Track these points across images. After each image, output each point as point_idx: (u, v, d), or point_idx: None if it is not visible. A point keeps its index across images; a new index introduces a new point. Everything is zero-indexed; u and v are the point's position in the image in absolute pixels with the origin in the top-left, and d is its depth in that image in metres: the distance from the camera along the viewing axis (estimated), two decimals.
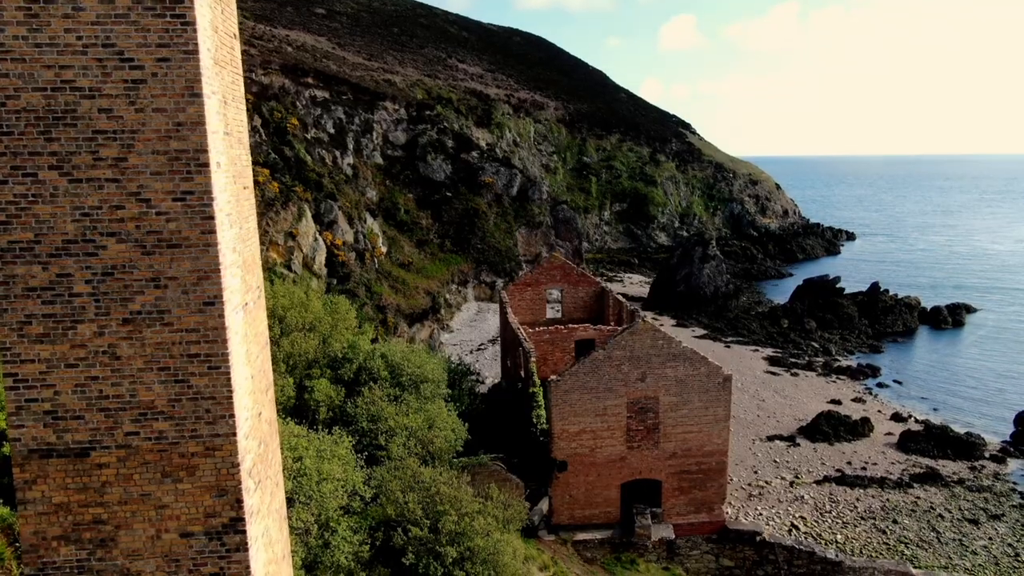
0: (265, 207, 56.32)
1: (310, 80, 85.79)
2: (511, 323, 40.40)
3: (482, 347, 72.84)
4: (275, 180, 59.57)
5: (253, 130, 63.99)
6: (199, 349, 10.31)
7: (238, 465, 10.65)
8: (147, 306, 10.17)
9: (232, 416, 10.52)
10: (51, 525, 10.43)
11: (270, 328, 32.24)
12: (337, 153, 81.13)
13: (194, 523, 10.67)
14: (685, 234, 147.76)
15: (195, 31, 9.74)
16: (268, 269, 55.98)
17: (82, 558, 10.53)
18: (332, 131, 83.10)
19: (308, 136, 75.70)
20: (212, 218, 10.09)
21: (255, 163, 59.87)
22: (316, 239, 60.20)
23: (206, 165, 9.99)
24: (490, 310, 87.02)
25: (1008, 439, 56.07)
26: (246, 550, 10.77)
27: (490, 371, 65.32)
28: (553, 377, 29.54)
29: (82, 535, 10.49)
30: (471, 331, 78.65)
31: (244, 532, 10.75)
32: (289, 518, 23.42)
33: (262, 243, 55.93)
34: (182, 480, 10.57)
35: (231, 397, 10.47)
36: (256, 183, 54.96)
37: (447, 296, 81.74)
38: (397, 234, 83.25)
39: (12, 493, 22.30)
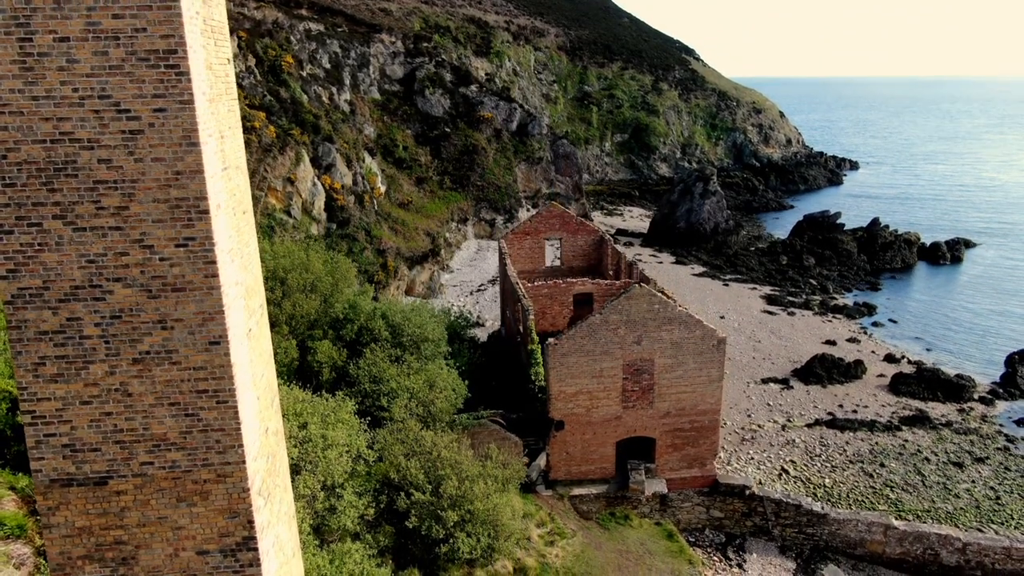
0: (263, 153, 55.88)
1: (304, 12, 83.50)
2: (510, 276, 40.80)
3: (482, 288, 73.46)
4: (271, 124, 58.87)
5: (247, 70, 62.80)
6: (207, 386, 10.76)
7: (248, 489, 11.28)
8: (155, 346, 10.57)
9: (241, 446, 11.07)
10: (75, 546, 11.13)
11: (272, 290, 32.79)
12: (334, 90, 79.72)
13: (209, 542, 11.37)
14: (687, 165, 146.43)
15: (189, 81, 9.79)
16: (267, 215, 56.02)
17: (106, 575, 11.27)
18: (328, 66, 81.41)
19: (304, 73, 74.26)
20: (214, 262, 10.37)
21: (251, 106, 59.04)
22: (314, 184, 59.93)
23: (206, 212, 10.20)
24: (490, 248, 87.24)
25: (998, 380, 57.22)
26: (259, 565, 11.51)
27: (490, 313, 66.20)
28: (551, 340, 30.16)
29: (105, 555, 11.21)
30: (471, 271, 79.12)
31: (256, 549, 11.47)
32: (296, 486, 24.47)
33: (260, 189, 55.77)
34: (196, 504, 11.21)
35: (239, 428, 11.00)
36: (252, 128, 54.41)
37: (447, 235, 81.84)
38: (396, 172, 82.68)
39: (27, 462, 23.16)
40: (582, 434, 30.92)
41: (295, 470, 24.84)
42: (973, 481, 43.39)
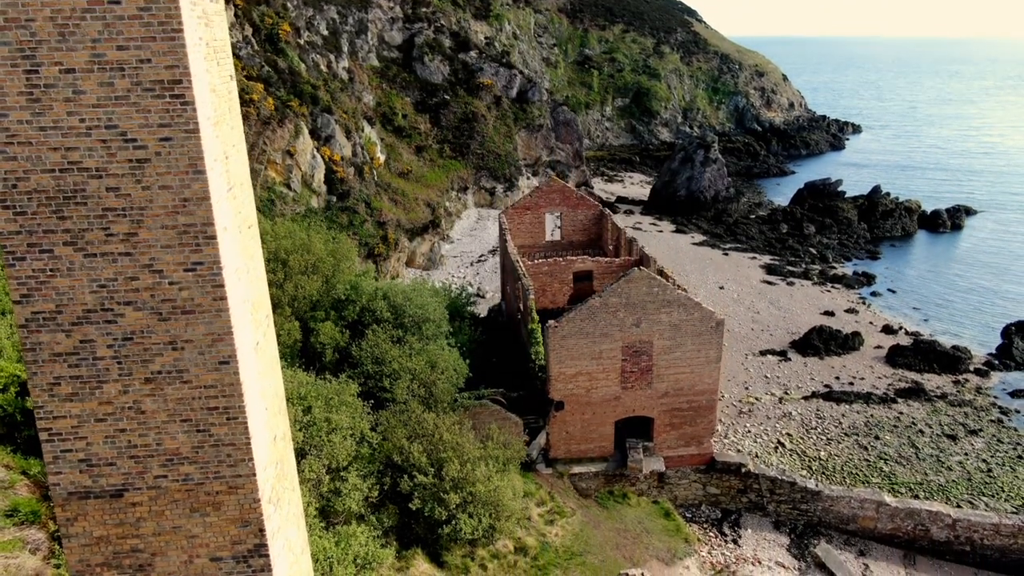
0: (261, 126, 55.59)
1: None
2: (511, 253, 40.99)
3: (482, 258, 73.64)
4: (270, 95, 58.42)
5: (244, 40, 62.08)
6: (217, 403, 11.09)
7: (259, 500, 11.69)
8: (167, 366, 10.87)
9: (251, 459, 11.44)
10: (94, 554, 11.58)
11: (273, 272, 33.03)
12: (332, 57, 78.87)
13: (222, 549, 11.82)
14: (688, 130, 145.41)
15: (195, 110, 9.92)
16: (267, 188, 55.96)
17: None
18: (325, 33, 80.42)
19: (301, 41, 73.38)
20: (223, 285, 10.61)
21: (248, 77, 58.53)
22: (314, 156, 59.71)
23: (213, 237, 10.41)
24: (490, 217, 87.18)
25: (994, 351, 57.73)
26: (270, 570, 11.98)
27: (490, 285, 66.50)
28: (551, 322, 30.50)
29: (122, 562, 11.66)
30: (471, 241, 79.21)
31: (267, 555, 11.93)
32: (301, 469, 25.04)
33: (260, 163, 55.61)
34: (209, 514, 11.63)
35: (249, 443, 11.36)
36: (251, 101, 54.06)
37: (447, 205, 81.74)
38: (395, 141, 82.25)
39: (39, 445, 23.65)
40: (581, 414, 31.46)
41: (300, 454, 25.38)
42: (966, 454, 44.14)
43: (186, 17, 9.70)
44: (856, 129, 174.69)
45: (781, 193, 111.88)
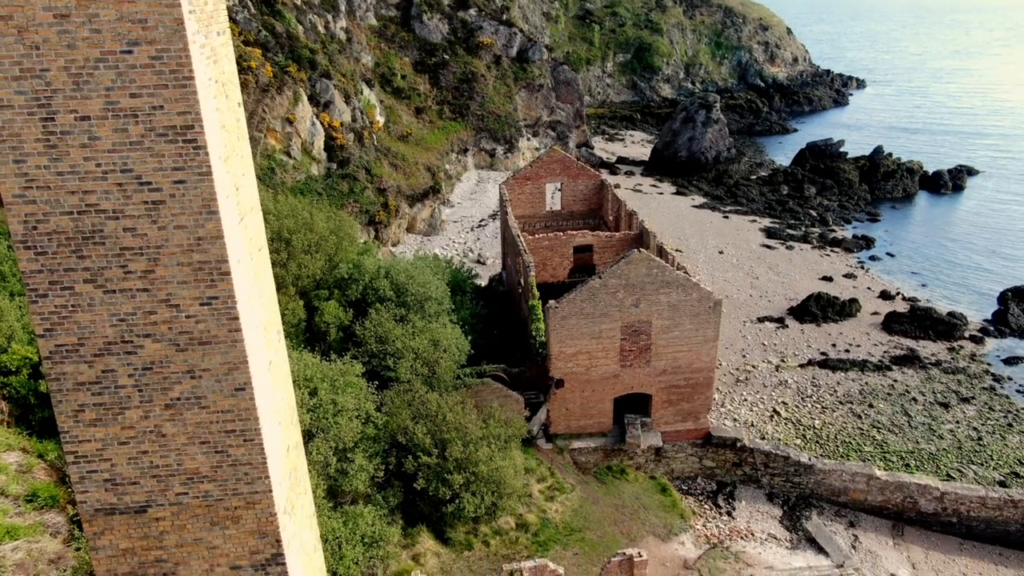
0: (260, 93, 55.18)
1: None
2: (511, 227, 41.25)
3: (483, 223, 73.76)
4: (268, 61, 57.82)
5: (240, 3, 61.12)
6: (234, 426, 11.64)
7: (275, 513, 12.32)
8: (185, 393, 11.38)
9: (267, 477, 12.04)
10: (120, 565, 12.27)
11: (276, 252, 33.37)
12: (329, 17, 77.62)
13: (241, 559, 12.51)
14: (690, 86, 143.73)
15: (207, 153, 10.22)
16: (267, 157, 55.83)
17: None
18: None
19: (298, 2, 72.18)
20: (237, 318, 11.05)
21: (246, 42, 57.85)
22: (313, 123, 59.39)
23: (227, 273, 10.80)
24: (490, 179, 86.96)
25: (989, 318, 58.32)
26: (287, 575, 12.70)
27: (491, 250, 66.78)
28: (551, 303, 30.98)
29: (147, 571, 12.36)
30: (472, 204, 79.18)
31: (284, 564, 12.62)
32: (309, 452, 25.78)
33: (259, 130, 55.39)
34: (228, 527, 12.28)
35: (265, 462, 11.94)
36: (249, 69, 53.60)
37: (447, 167, 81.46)
38: (394, 102, 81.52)
39: (54, 427, 24.29)
40: (581, 391, 32.17)
41: (308, 436, 26.10)
42: (957, 422, 45.08)
43: (196, 63, 9.92)
44: (860, 84, 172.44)
45: (783, 152, 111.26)
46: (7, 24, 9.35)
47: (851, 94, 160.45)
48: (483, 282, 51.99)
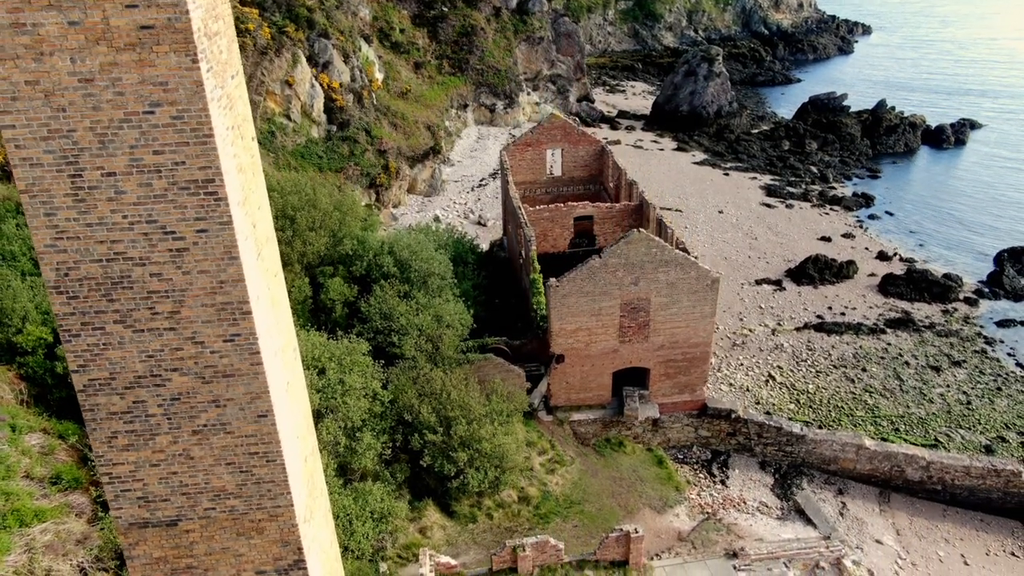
0: (259, 56, 54.67)
1: None
2: (513, 197, 41.59)
3: (483, 183, 73.78)
4: (265, 21, 57.09)
5: None
6: (257, 449, 12.44)
7: (296, 524, 13.23)
8: (211, 421, 12.14)
9: (288, 492, 12.90)
10: (154, 571, 13.23)
11: (281, 230, 33.86)
12: None
13: (266, 564, 13.48)
14: (693, 34, 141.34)
15: (227, 205, 10.73)
16: (267, 120, 55.66)
17: None
18: None
19: None
20: (259, 352, 11.72)
21: (242, 2, 57.04)
22: (312, 85, 58.98)
23: (249, 313, 11.43)
24: (490, 136, 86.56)
25: (984, 279, 59.00)
26: None
27: (491, 211, 66.99)
28: (552, 281, 31.62)
29: None
30: (472, 163, 79.00)
31: (305, 568, 13.60)
32: (319, 432, 26.78)
33: (258, 94, 55.08)
34: (253, 537, 13.20)
35: (287, 480, 12.78)
36: (247, 31, 53.03)
37: (447, 124, 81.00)
38: (393, 57, 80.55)
39: (75, 407, 25.08)
40: (581, 366, 33.09)
41: (317, 416, 27.07)
42: (948, 385, 46.19)
43: (216, 120, 10.35)
44: (866, 30, 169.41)
45: (785, 103, 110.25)
46: (34, 89, 9.76)
47: (856, 40, 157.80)
48: (484, 245, 52.44)
